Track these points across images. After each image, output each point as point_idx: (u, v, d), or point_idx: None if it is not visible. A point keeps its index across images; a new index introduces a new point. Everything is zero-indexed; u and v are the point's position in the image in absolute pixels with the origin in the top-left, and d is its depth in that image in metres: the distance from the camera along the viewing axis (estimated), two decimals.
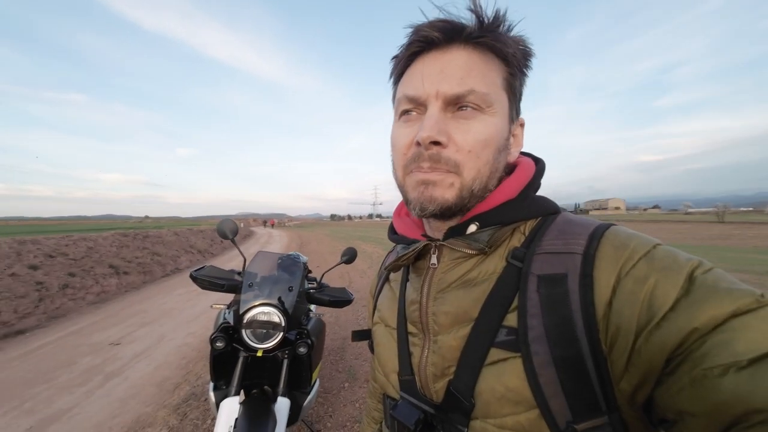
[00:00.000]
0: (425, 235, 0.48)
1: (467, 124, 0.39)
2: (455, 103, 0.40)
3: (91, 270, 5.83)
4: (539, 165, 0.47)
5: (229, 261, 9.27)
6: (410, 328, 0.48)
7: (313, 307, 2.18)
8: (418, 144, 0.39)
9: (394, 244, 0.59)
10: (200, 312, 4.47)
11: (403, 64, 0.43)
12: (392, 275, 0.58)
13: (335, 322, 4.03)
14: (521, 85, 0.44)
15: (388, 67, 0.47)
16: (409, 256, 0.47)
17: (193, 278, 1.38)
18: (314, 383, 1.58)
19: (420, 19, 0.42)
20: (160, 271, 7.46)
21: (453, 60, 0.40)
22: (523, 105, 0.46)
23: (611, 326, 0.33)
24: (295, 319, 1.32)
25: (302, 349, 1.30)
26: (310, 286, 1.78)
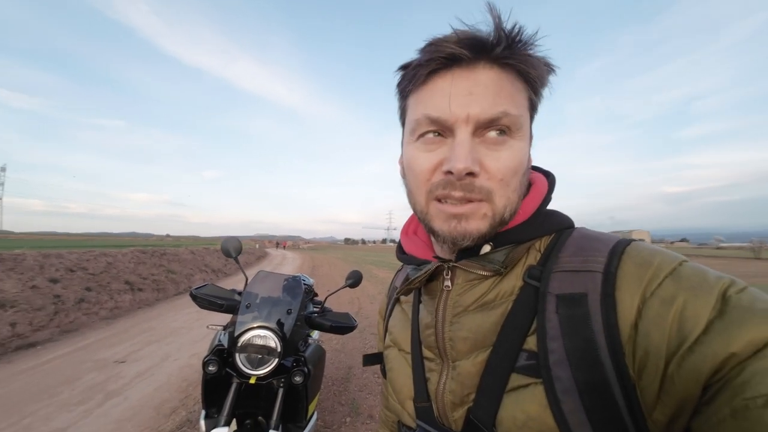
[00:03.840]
0: (437, 256, 0.45)
1: (498, 151, 0.37)
2: (486, 127, 0.37)
3: (108, 285, 5.95)
4: (550, 179, 0.46)
5: (240, 282, 9.30)
6: (426, 352, 0.46)
7: (315, 333, 2.10)
8: (449, 173, 0.37)
9: (402, 264, 0.57)
10: (207, 332, 4.42)
11: (419, 80, 0.40)
12: (403, 296, 0.55)
13: (341, 348, 3.88)
14: (539, 104, 0.42)
15: None
16: (421, 279, 0.45)
17: (193, 297, 1.35)
18: (311, 417, 1.47)
19: (439, 33, 0.38)
20: (174, 289, 7.54)
21: (481, 80, 0.37)
22: (540, 131, 0.45)
23: (638, 350, 0.31)
24: (292, 344, 1.25)
25: (298, 378, 1.22)
26: (313, 309, 1.71)
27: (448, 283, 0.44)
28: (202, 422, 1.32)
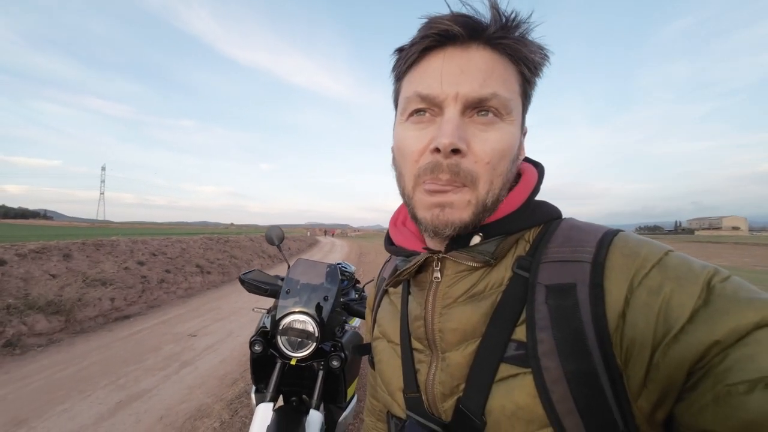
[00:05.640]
0: (426, 248, 0.44)
1: (486, 132, 0.37)
2: (474, 107, 0.37)
3: (183, 268, 6.77)
4: (539, 169, 0.46)
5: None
6: (415, 344, 0.47)
7: (356, 321, 2.15)
8: (437, 150, 0.36)
9: (389, 255, 0.58)
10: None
11: (412, 58, 0.40)
12: (392, 288, 0.55)
13: None
14: (532, 93, 0.42)
15: None
16: (410, 270, 0.44)
17: (241, 281, 1.45)
18: (351, 399, 1.52)
19: (436, 12, 0.38)
20: (236, 273, 8.32)
21: (474, 60, 0.37)
22: (605, 110, 0.42)
23: (625, 340, 0.32)
24: (329, 329, 1.29)
25: (335, 363, 1.25)
26: (354, 297, 1.75)
27: (437, 274, 0.43)
28: (253, 396, 1.44)
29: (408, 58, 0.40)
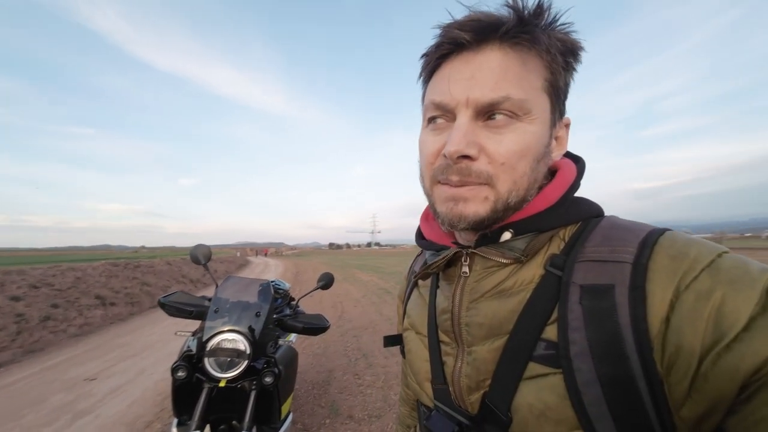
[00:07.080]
0: (455, 242, 0.45)
1: (501, 134, 0.36)
2: (487, 111, 0.37)
3: (76, 301, 5.68)
4: (579, 165, 0.45)
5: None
6: (442, 336, 0.46)
7: (293, 336, 2.11)
8: (445, 156, 0.37)
9: (420, 249, 0.56)
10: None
11: (431, 65, 0.41)
12: (421, 280, 0.55)
13: (323, 353, 3.88)
14: (567, 83, 0.40)
15: (391, 96, 0.47)
16: (439, 264, 0.44)
17: (162, 305, 1.35)
18: (285, 418, 1.49)
19: (448, 18, 0.38)
20: (149, 302, 7.26)
21: (485, 63, 0.36)
22: None
23: (669, 346, 0.30)
24: (262, 346, 1.28)
25: (268, 379, 1.24)
26: (288, 313, 1.74)
27: (465, 269, 0.43)
28: (174, 430, 1.32)
29: (427, 66, 0.41)
